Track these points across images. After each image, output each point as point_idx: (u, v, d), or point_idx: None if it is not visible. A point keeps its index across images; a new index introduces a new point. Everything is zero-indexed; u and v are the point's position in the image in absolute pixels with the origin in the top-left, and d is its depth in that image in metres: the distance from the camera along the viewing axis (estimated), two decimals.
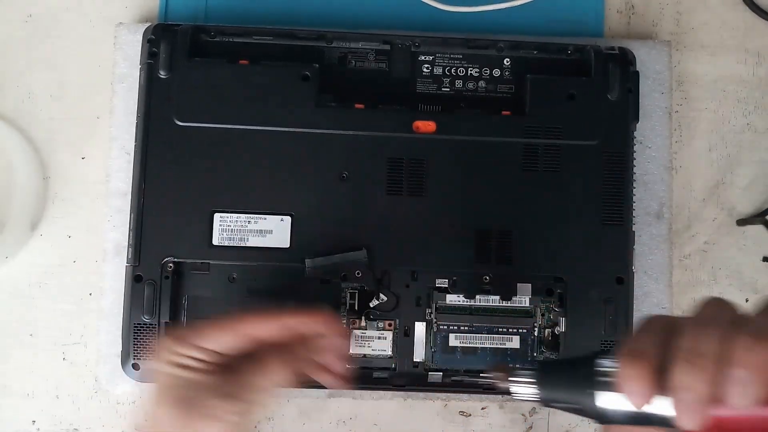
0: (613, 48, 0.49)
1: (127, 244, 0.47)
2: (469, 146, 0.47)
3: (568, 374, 0.33)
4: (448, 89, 0.49)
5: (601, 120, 0.47)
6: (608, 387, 0.30)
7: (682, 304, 0.52)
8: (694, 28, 0.54)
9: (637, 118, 0.48)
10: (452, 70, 0.49)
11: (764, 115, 0.54)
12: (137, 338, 0.46)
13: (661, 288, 0.51)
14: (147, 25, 0.49)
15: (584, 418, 0.36)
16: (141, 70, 0.47)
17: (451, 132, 0.47)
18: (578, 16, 0.54)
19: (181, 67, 0.47)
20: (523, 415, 0.52)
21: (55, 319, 0.51)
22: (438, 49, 0.49)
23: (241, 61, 0.47)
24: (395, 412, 0.52)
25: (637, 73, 0.49)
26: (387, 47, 0.49)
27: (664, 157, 0.52)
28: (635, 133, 0.49)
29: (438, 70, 0.49)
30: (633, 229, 0.48)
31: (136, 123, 0.47)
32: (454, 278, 0.47)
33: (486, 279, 0.47)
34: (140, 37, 0.51)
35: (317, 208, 0.46)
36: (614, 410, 0.31)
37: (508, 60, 0.49)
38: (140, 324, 0.46)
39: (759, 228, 0.50)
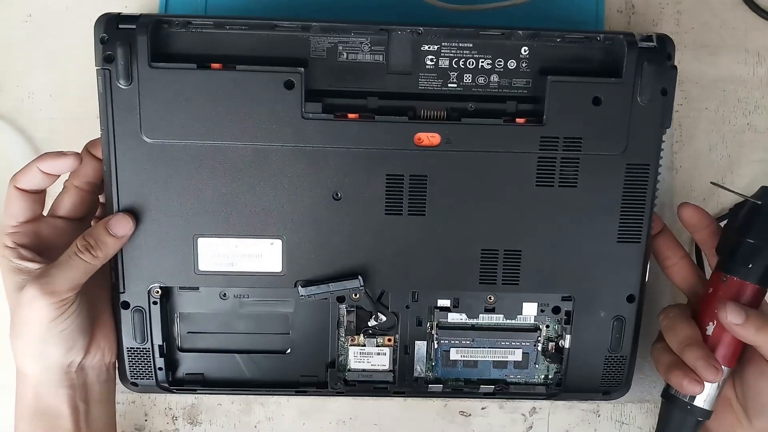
0: (650, 38, 0.42)
1: (109, 267, 0.44)
2: (478, 160, 0.42)
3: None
4: (455, 85, 0.43)
5: (628, 128, 0.42)
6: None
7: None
8: (695, 28, 0.54)
9: (669, 124, 0.42)
10: (461, 62, 0.42)
11: (764, 115, 0.54)
12: (132, 361, 0.45)
13: (661, 288, 0.51)
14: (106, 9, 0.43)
15: (583, 419, 0.37)
16: (98, 76, 0.41)
17: (458, 145, 0.42)
18: (578, 15, 0.54)
19: (142, 76, 0.40)
20: (523, 415, 0.52)
21: None
22: (444, 38, 0.42)
23: (213, 65, 0.41)
24: (395, 412, 0.52)
25: (674, 69, 0.42)
26: (384, 36, 0.42)
27: (664, 157, 0.51)
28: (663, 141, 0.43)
29: (444, 63, 0.42)
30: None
31: (101, 138, 0.42)
32: (457, 298, 0.45)
33: (490, 299, 0.45)
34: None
35: (309, 231, 0.43)
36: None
37: (526, 49, 0.42)
38: (134, 348, 0.45)
39: None
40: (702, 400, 0.42)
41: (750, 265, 0.41)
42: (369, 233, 0.43)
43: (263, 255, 0.43)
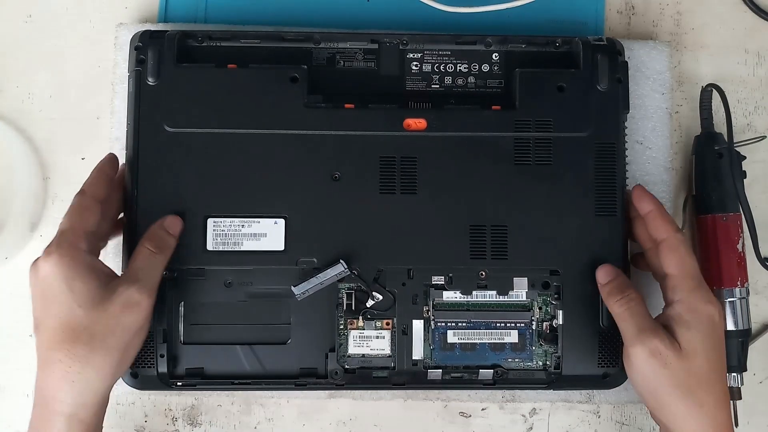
0: (600, 39, 0.48)
1: (121, 251, 0.46)
2: (461, 142, 0.47)
3: None
4: (438, 86, 0.49)
5: (592, 111, 0.47)
6: None
7: None
8: (695, 29, 0.54)
9: (627, 108, 0.48)
10: (441, 67, 0.49)
11: (764, 115, 0.54)
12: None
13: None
14: (143, 28, 0.49)
15: (583, 419, 0.37)
16: (129, 77, 0.47)
17: (442, 128, 0.47)
18: (578, 16, 0.54)
19: (168, 74, 0.46)
20: (523, 415, 0.52)
21: None
22: (426, 46, 0.49)
23: (229, 66, 0.47)
24: (395, 412, 0.52)
25: (625, 64, 0.48)
26: (375, 46, 0.49)
27: (664, 157, 0.52)
28: (627, 125, 0.48)
29: (427, 67, 0.49)
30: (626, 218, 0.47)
31: (126, 131, 0.47)
32: (450, 275, 0.47)
33: (482, 274, 0.47)
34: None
35: (310, 210, 0.46)
36: None
37: (497, 54, 0.49)
38: None
39: (760, 229, 0.50)
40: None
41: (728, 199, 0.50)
42: (365, 212, 0.47)
43: (268, 234, 0.46)
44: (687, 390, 0.41)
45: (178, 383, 0.46)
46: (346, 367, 0.47)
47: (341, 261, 0.45)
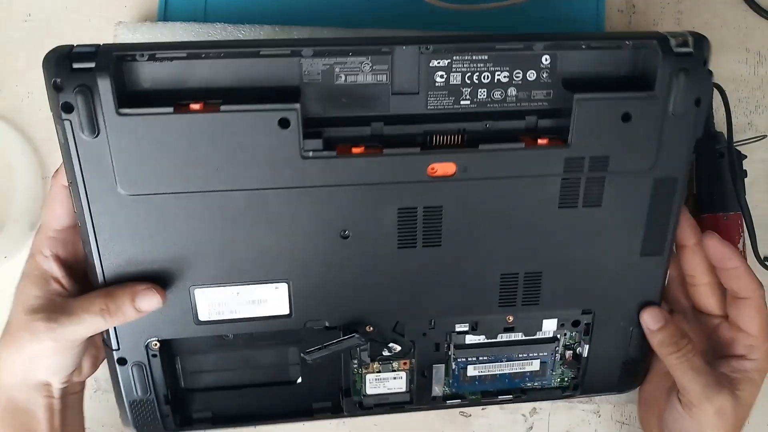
0: (686, 42, 0.38)
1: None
2: (497, 186, 0.38)
3: None
4: (469, 102, 0.38)
5: (658, 141, 0.38)
6: None
7: None
8: (695, 28, 0.54)
9: (699, 134, 0.39)
10: (474, 77, 0.37)
11: (765, 115, 0.54)
12: (136, 413, 0.42)
13: None
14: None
15: (583, 419, 0.37)
16: (57, 126, 0.35)
17: (476, 173, 0.38)
18: (579, 14, 0.54)
19: (111, 126, 0.34)
20: (523, 415, 0.52)
21: None
22: (456, 52, 0.37)
23: (192, 106, 0.35)
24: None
25: (709, 74, 0.38)
26: (387, 55, 0.37)
27: None
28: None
29: (456, 78, 0.37)
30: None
31: (71, 191, 0.37)
32: (476, 321, 0.43)
33: (510, 319, 0.43)
34: (140, 36, 0.50)
35: (316, 272, 0.39)
36: None
37: (547, 58, 0.38)
38: (137, 401, 0.42)
39: (759, 229, 0.50)
40: None
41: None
42: (380, 269, 0.40)
43: (268, 300, 0.40)
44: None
45: (188, 429, 0.44)
46: (363, 404, 0.45)
47: (356, 335, 0.40)
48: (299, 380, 0.44)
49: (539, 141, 0.37)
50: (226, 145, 0.35)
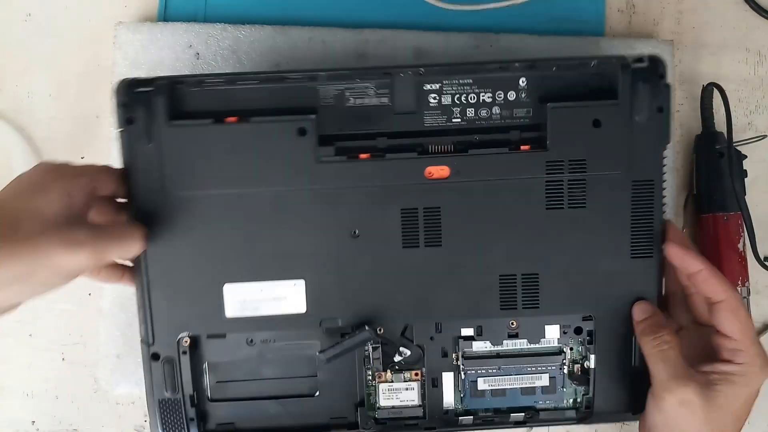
0: (641, 59, 0.43)
1: (138, 321, 0.44)
2: (488, 188, 0.43)
3: None
4: (459, 119, 0.44)
5: (629, 147, 0.43)
6: None
7: None
8: (695, 28, 0.54)
9: (668, 140, 0.43)
10: (462, 98, 0.44)
11: (765, 114, 0.54)
12: (165, 414, 0.45)
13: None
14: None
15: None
16: (120, 136, 0.42)
17: (467, 175, 0.43)
18: (579, 14, 0.54)
19: (162, 134, 0.42)
20: None
21: (55, 320, 0.51)
22: (444, 76, 0.44)
23: (228, 119, 0.43)
24: None
25: (668, 87, 0.43)
26: (388, 80, 0.44)
27: (667, 156, 0.51)
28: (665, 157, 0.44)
29: (446, 100, 0.44)
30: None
31: (128, 194, 0.43)
32: (480, 326, 0.45)
33: (513, 324, 0.45)
34: (140, 36, 0.51)
35: (330, 269, 0.44)
36: None
37: (524, 80, 0.44)
38: (165, 400, 0.44)
39: (759, 229, 0.50)
40: None
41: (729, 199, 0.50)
42: (388, 267, 0.44)
43: (287, 297, 0.44)
44: None
45: None
46: (377, 417, 0.46)
47: (366, 327, 0.43)
48: (317, 394, 0.46)
49: (522, 147, 0.43)
50: (255, 152, 0.43)
